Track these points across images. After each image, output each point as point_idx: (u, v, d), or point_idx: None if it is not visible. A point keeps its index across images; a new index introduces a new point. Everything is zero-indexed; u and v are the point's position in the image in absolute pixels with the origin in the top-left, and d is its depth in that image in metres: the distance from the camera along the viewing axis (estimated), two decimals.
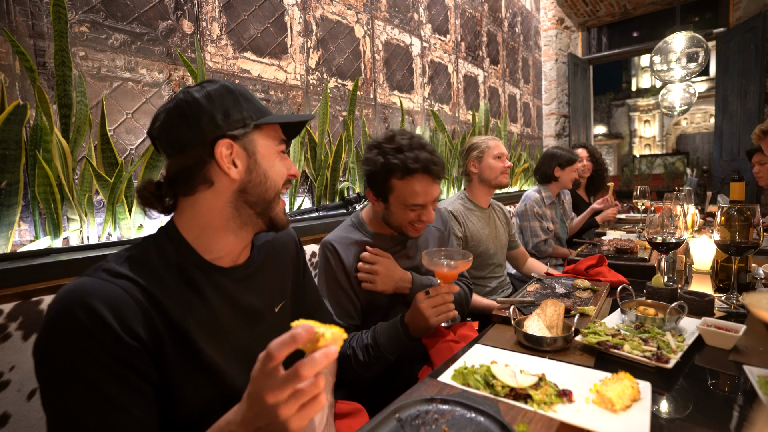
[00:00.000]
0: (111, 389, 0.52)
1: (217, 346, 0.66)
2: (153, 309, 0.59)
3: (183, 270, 0.65)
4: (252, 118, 0.70)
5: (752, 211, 1.08)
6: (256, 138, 0.70)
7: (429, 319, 0.95)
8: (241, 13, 1.66)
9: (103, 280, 0.58)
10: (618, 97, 21.74)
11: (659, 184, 8.25)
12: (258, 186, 0.70)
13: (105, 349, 0.53)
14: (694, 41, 3.23)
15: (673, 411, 0.69)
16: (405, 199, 1.07)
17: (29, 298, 0.89)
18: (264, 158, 0.71)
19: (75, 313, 0.53)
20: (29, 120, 1.09)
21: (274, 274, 0.82)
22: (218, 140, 0.66)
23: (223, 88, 0.69)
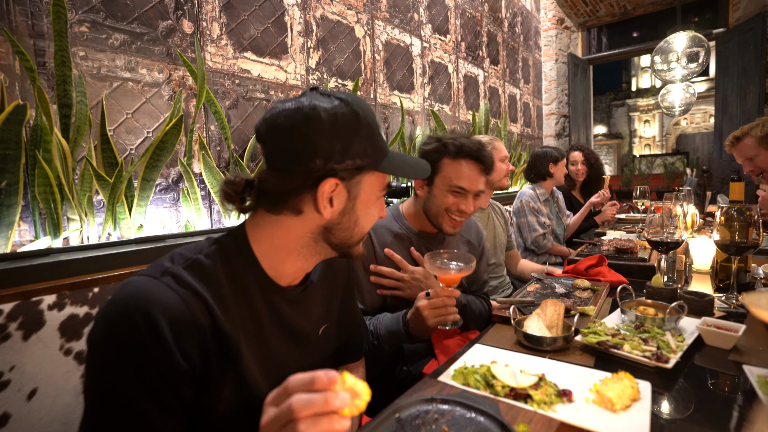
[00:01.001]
0: (147, 407, 0.51)
1: (262, 366, 0.63)
2: (209, 327, 0.56)
3: (244, 286, 0.62)
4: (370, 161, 0.63)
5: (752, 210, 1.08)
6: (365, 181, 0.65)
7: (427, 320, 0.93)
8: (241, 13, 1.66)
9: (168, 287, 0.55)
10: (618, 97, 21.74)
11: (659, 184, 8.25)
12: (344, 231, 0.65)
13: (154, 366, 0.51)
14: (695, 41, 3.24)
15: (672, 411, 0.69)
16: (450, 179, 1.12)
17: (29, 298, 0.89)
18: (363, 204, 0.66)
19: (134, 320, 0.51)
20: (29, 120, 1.09)
21: (323, 296, 0.78)
22: (327, 177, 0.60)
23: (353, 114, 0.61)
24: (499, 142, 1.81)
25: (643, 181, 8.72)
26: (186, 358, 0.53)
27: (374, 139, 0.64)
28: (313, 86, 0.66)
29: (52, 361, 0.91)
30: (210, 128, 1.58)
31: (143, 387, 0.51)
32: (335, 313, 0.81)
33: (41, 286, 0.93)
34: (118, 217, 1.25)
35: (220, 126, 1.56)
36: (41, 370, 0.89)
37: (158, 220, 1.42)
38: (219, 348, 0.57)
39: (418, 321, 0.96)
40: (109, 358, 0.51)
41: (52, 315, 0.92)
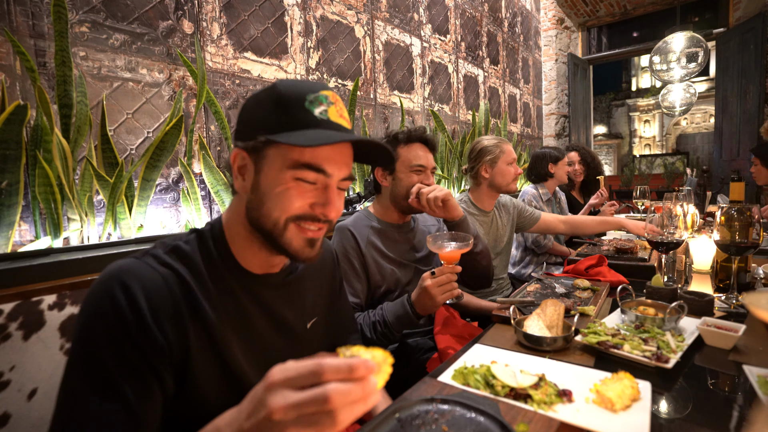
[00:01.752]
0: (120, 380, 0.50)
1: (246, 353, 0.63)
2: (188, 308, 0.57)
3: (221, 274, 0.62)
4: (267, 130, 0.59)
5: (752, 210, 1.08)
6: (269, 154, 0.60)
7: (435, 297, 1.01)
8: (242, 13, 1.66)
9: (148, 266, 0.56)
10: (618, 97, 21.74)
11: (659, 184, 8.25)
12: (255, 210, 0.62)
13: (130, 338, 0.51)
14: (693, 41, 3.24)
15: (672, 411, 0.69)
16: (410, 161, 1.28)
17: (29, 298, 0.89)
18: (266, 180, 0.61)
19: (113, 291, 0.52)
20: (30, 120, 1.09)
21: (309, 288, 0.78)
22: (236, 147, 0.63)
23: (270, 89, 0.61)
24: (507, 145, 1.78)
25: (643, 181, 8.71)
26: (163, 334, 0.53)
27: (283, 111, 0.59)
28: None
29: (52, 361, 0.91)
30: (210, 128, 1.58)
31: (118, 355, 0.51)
32: (323, 307, 0.82)
33: (41, 286, 0.93)
34: (119, 217, 1.25)
35: (220, 126, 1.56)
36: (41, 370, 0.89)
37: (158, 220, 1.42)
38: (199, 331, 0.58)
39: (425, 299, 1.03)
40: (87, 326, 0.52)
41: (53, 315, 0.92)
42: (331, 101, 0.62)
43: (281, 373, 0.38)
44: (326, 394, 0.36)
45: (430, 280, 1.02)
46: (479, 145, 1.78)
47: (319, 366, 0.37)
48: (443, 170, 2.77)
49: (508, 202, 1.92)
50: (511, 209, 1.92)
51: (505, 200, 1.92)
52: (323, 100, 0.61)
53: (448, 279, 1.02)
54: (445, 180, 2.81)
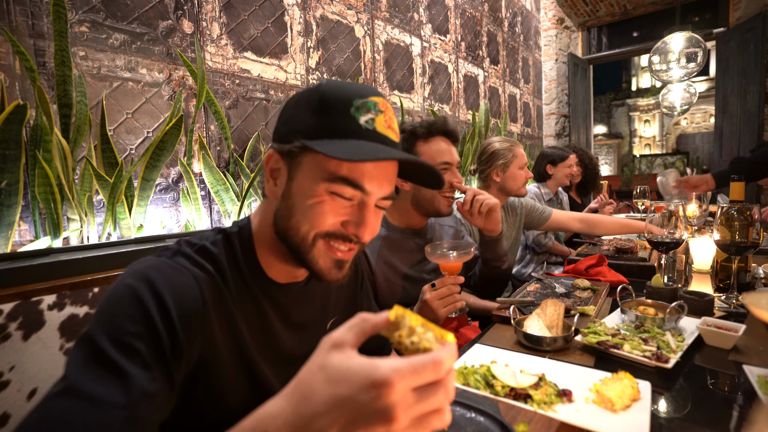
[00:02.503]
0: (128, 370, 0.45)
1: (269, 357, 0.62)
2: (216, 310, 0.55)
3: (246, 278, 0.60)
4: (304, 134, 0.54)
5: (752, 210, 1.08)
6: (305, 162, 0.56)
7: (437, 310, 0.94)
8: (241, 13, 1.66)
9: (179, 266, 0.54)
10: (618, 97, 21.74)
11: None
12: (283, 219, 0.58)
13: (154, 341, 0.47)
14: (692, 41, 3.24)
15: (672, 411, 0.69)
16: (433, 159, 1.16)
17: (29, 298, 0.89)
18: (298, 189, 0.56)
19: (141, 295, 0.48)
20: (29, 120, 1.09)
21: (329, 288, 0.75)
22: (272, 148, 0.59)
23: (313, 90, 0.57)
24: (519, 148, 1.72)
25: (643, 180, 8.71)
26: (188, 338, 0.50)
27: (325, 116, 0.54)
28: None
29: (52, 361, 0.91)
30: (210, 128, 1.58)
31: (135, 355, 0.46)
32: (344, 305, 0.79)
33: (41, 286, 0.93)
34: (118, 217, 1.25)
35: (220, 126, 1.56)
36: (41, 370, 0.89)
37: (158, 220, 1.42)
38: (226, 335, 0.57)
39: (426, 313, 0.96)
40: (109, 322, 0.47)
41: (52, 315, 0.92)
42: (381, 109, 0.56)
43: (400, 378, 0.32)
44: (448, 391, 0.34)
45: (430, 293, 0.95)
46: (491, 148, 1.73)
47: (438, 361, 0.33)
48: None
49: (515, 201, 1.89)
50: (519, 209, 1.90)
51: (512, 200, 1.89)
52: (371, 107, 0.55)
53: (449, 291, 0.95)
54: None
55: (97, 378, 0.44)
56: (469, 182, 3.15)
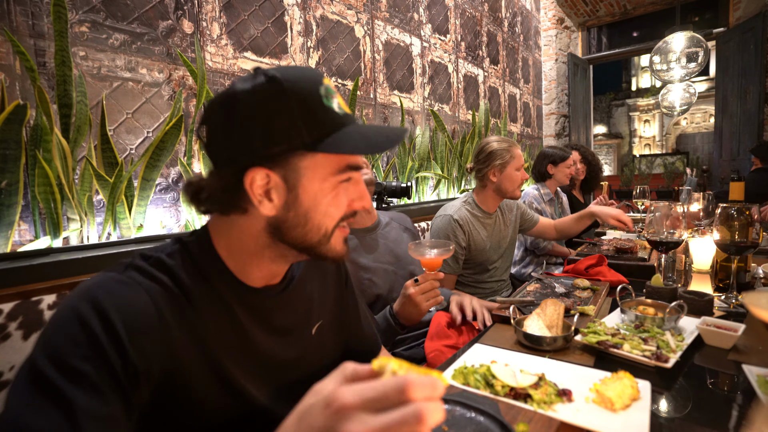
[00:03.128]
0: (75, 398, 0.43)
1: (246, 366, 0.60)
2: (175, 321, 0.52)
3: (212, 286, 0.57)
4: (302, 141, 0.52)
5: (751, 210, 1.08)
6: (304, 166, 0.54)
7: (420, 304, 1.00)
8: (241, 13, 1.66)
9: (130, 280, 0.51)
10: (618, 97, 21.74)
11: (659, 184, 8.25)
12: (294, 228, 0.57)
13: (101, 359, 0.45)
14: (693, 41, 3.24)
15: (672, 410, 0.69)
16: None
17: (29, 298, 0.89)
18: (308, 195, 0.55)
19: (85, 317, 0.46)
20: (29, 120, 1.09)
21: (311, 291, 0.73)
22: (251, 168, 0.53)
23: (275, 88, 0.52)
24: (516, 149, 1.73)
25: (643, 180, 8.72)
26: (141, 354, 0.48)
27: (309, 115, 0.52)
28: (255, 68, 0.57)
29: None
30: None
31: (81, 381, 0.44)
32: (330, 308, 0.77)
33: (41, 285, 0.93)
34: (118, 216, 1.25)
35: None
36: None
37: (158, 220, 1.42)
38: (190, 346, 0.54)
39: (409, 308, 1.02)
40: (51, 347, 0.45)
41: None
42: (333, 89, 0.57)
43: (355, 395, 0.32)
44: (419, 414, 0.31)
45: (413, 288, 1.01)
46: (489, 148, 1.73)
47: (406, 383, 0.31)
48: (443, 170, 2.77)
49: (511, 202, 1.91)
50: (515, 209, 1.92)
51: (512, 206, 1.92)
52: (330, 91, 0.56)
53: (431, 285, 1.01)
54: (444, 180, 2.81)
55: (38, 409, 0.42)
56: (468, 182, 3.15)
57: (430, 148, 2.72)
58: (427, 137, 2.66)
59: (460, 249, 1.65)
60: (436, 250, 1.01)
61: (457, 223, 1.65)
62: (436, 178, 2.74)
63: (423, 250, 1.02)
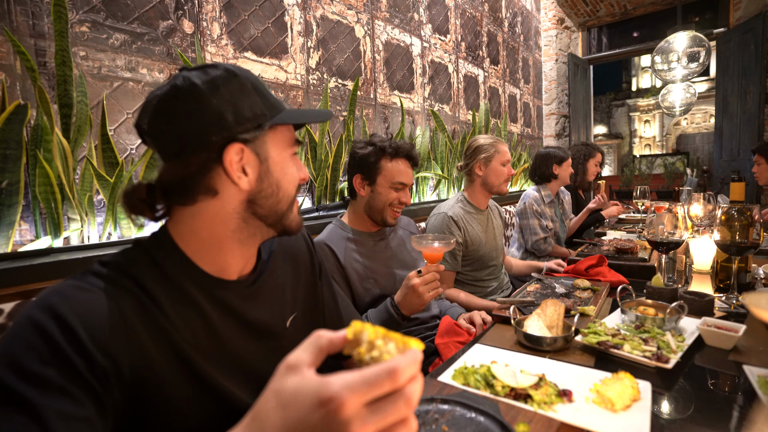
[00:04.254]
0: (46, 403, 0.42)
1: (221, 363, 0.60)
2: (142, 323, 0.52)
3: (178, 285, 0.57)
4: (266, 117, 0.59)
5: (752, 211, 1.08)
6: (269, 140, 0.61)
7: (423, 295, 1.05)
8: (242, 13, 1.66)
9: (87, 284, 0.51)
10: (618, 97, 21.73)
11: (659, 184, 8.25)
12: (269, 197, 0.61)
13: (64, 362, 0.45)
14: (695, 41, 3.23)
15: (673, 411, 0.69)
16: (393, 176, 1.30)
17: (29, 297, 0.89)
18: (277, 164, 0.62)
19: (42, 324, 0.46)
20: (30, 120, 1.09)
21: (284, 283, 0.73)
22: (228, 144, 0.56)
23: (230, 75, 0.58)
24: (503, 145, 1.80)
25: (643, 181, 8.71)
26: (107, 355, 0.48)
27: (263, 96, 0.60)
28: (183, 67, 0.61)
29: None
30: None
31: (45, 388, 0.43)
32: (302, 300, 0.77)
33: (42, 285, 0.93)
34: (119, 216, 1.25)
35: None
36: None
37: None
38: (159, 344, 0.54)
39: (412, 298, 1.06)
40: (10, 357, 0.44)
41: None
42: None
43: (351, 394, 0.31)
44: (408, 399, 0.32)
45: (417, 279, 1.05)
46: (475, 143, 1.81)
47: (395, 369, 0.32)
48: (443, 170, 2.77)
49: (502, 213, 2.02)
50: (503, 216, 2.01)
51: (500, 210, 2.00)
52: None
53: (433, 276, 1.06)
54: (445, 180, 2.81)
55: (4, 420, 0.41)
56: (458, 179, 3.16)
57: (430, 148, 2.72)
58: (427, 137, 2.66)
59: (457, 245, 1.66)
60: (438, 243, 1.06)
61: (451, 219, 1.68)
62: (436, 179, 2.74)
63: (425, 242, 1.07)
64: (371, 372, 0.32)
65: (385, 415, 0.32)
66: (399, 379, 0.32)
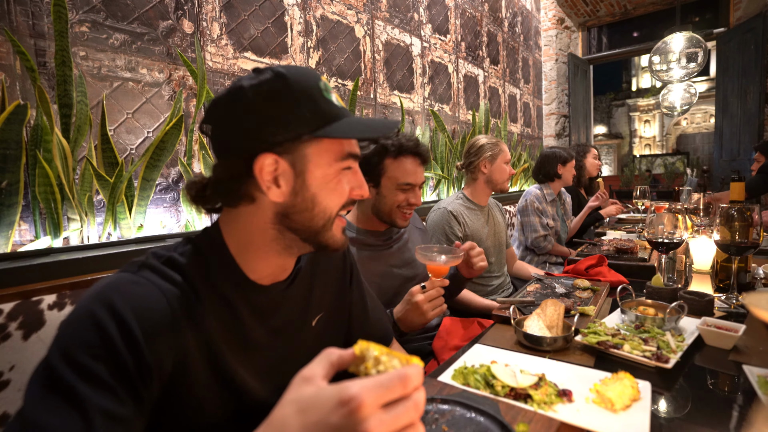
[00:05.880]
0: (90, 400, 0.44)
1: (246, 362, 0.61)
2: (187, 321, 0.54)
3: (220, 285, 0.59)
4: (308, 127, 0.56)
5: (752, 211, 1.08)
6: (310, 152, 0.58)
7: (426, 313, 0.98)
8: (242, 13, 1.66)
9: (144, 280, 0.53)
10: (618, 97, 21.74)
11: (659, 184, 8.25)
12: (302, 213, 0.59)
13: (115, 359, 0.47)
14: (692, 41, 3.23)
15: (672, 411, 0.69)
16: (397, 178, 1.18)
17: (29, 297, 0.89)
18: (315, 180, 0.59)
19: (100, 319, 0.47)
20: (30, 120, 1.09)
21: (313, 284, 0.74)
22: (260, 154, 0.56)
23: (280, 82, 0.56)
24: (504, 145, 1.85)
25: (643, 181, 8.72)
26: (155, 355, 0.50)
27: (313, 105, 0.57)
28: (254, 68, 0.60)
29: None
30: None
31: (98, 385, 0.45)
32: (330, 301, 0.78)
33: (41, 285, 0.93)
34: (119, 216, 1.25)
35: None
36: None
37: (158, 220, 1.42)
38: (197, 345, 0.55)
39: (414, 316, 0.99)
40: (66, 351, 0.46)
41: (53, 315, 0.92)
42: (329, 85, 0.62)
43: (369, 394, 0.33)
44: (417, 404, 0.35)
45: (420, 295, 0.98)
46: (479, 142, 1.84)
47: (405, 376, 0.34)
48: (443, 170, 2.77)
49: (503, 210, 2.01)
50: (504, 215, 2.00)
51: (501, 208, 2.00)
52: (329, 86, 0.61)
53: (438, 293, 0.98)
54: (445, 180, 2.81)
55: (52, 408, 0.43)
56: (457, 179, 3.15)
57: (430, 148, 2.72)
58: (427, 137, 2.66)
59: (457, 240, 1.66)
60: (445, 257, 0.97)
61: (451, 215, 1.69)
62: (436, 178, 2.74)
63: (431, 256, 0.98)
64: (385, 376, 0.35)
65: (398, 416, 0.34)
66: (409, 385, 0.34)
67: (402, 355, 0.38)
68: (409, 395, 0.35)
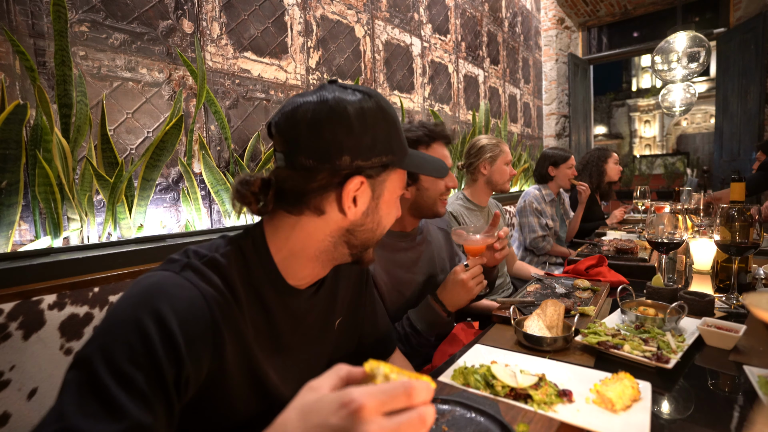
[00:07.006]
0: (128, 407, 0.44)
1: (277, 365, 0.63)
2: (226, 325, 0.55)
3: (258, 289, 0.60)
4: (396, 159, 0.61)
5: (752, 211, 1.08)
6: (389, 179, 0.63)
7: (472, 289, 1.04)
8: (242, 13, 1.66)
9: (186, 282, 0.53)
10: (618, 98, 21.74)
11: (659, 185, 8.25)
12: (367, 232, 0.63)
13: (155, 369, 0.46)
14: (695, 41, 3.23)
15: (673, 411, 0.69)
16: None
17: (29, 297, 0.89)
18: (385, 203, 0.64)
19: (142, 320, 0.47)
20: (29, 120, 1.09)
21: (336, 289, 0.76)
22: (355, 175, 0.58)
23: (379, 108, 0.59)
24: (505, 146, 1.85)
25: (643, 181, 8.71)
26: (194, 359, 0.50)
27: (399, 136, 0.62)
28: (331, 79, 0.62)
29: (52, 360, 0.91)
30: (210, 128, 1.58)
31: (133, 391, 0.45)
32: (349, 304, 0.81)
33: (41, 285, 0.93)
34: (119, 216, 1.25)
35: (220, 126, 1.56)
36: (41, 369, 0.89)
37: (158, 220, 1.42)
38: (235, 348, 0.56)
39: (460, 293, 1.05)
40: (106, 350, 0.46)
41: (53, 315, 0.92)
42: None
43: (371, 398, 0.33)
44: (423, 418, 0.33)
45: (465, 273, 1.04)
46: (479, 143, 1.85)
47: (411, 387, 0.33)
48: None
49: (503, 210, 2.03)
50: (504, 215, 2.02)
51: (501, 208, 2.02)
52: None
53: (479, 270, 1.05)
54: None
55: (90, 414, 0.43)
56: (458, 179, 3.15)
57: None
58: None
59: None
60: (480, 236, 1.06)
61: (451, 215, 1.70)
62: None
63: (468, 237, 1.06)
64: (389, 384, 0.34)
65: (400, 425, 0.33)
66: (414, 396, 0.33)
67: (412, 374, 0.37)
68: (414, 406, 0.34)
